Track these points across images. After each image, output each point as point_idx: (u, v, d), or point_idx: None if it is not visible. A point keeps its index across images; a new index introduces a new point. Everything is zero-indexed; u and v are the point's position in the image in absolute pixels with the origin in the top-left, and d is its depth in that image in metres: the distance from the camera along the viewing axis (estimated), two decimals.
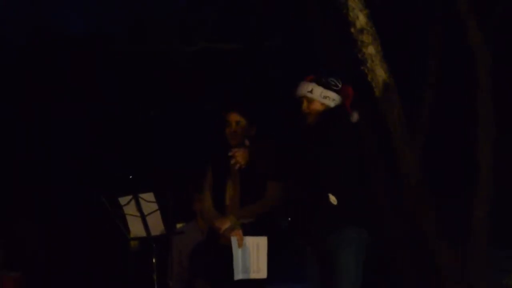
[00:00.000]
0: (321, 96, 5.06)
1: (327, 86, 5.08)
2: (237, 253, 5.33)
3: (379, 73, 6.76)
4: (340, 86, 5.09)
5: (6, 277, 7.28)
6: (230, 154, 5.05)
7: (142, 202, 5.93)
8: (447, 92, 7.90)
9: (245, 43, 9.32)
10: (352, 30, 6.74)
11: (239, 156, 5.05)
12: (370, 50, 6.72)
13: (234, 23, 9.36)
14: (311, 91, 5.06)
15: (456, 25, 7.08)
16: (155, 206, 5.95)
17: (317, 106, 5.08)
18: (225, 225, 5.49)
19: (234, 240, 5.35)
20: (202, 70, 9.80)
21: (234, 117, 5.66)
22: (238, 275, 5.31)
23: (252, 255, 5.33)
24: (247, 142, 5.21)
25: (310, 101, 5.07)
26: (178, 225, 6.98)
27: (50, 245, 10.60)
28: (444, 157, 8.65)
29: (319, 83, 5.07)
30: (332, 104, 5.06)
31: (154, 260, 6.07)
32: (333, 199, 4.87)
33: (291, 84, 5.17)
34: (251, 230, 5.42)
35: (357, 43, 6.75)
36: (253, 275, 5.32)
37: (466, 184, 7.16)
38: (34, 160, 10.44)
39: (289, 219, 5.21)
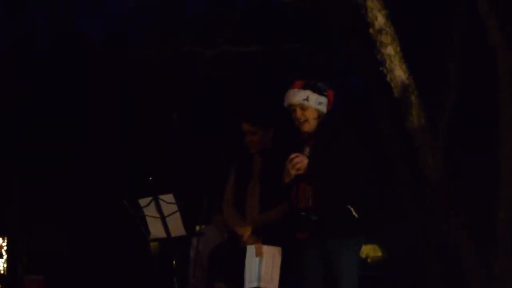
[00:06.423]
0: (316, 103, 4.97)
1: (320, 92, 5.01)
2: (251, 261, 5.30)
3: (398, 73, 6.73)
4: (328, 90, 5.04)
5: (30, 281, 7.32)
6: (288, 160, 4.88)
7: (162, 203, 5.93)
8: (468, 94, 7.84)
9: (265, 46, 9.31)
10: (371, 30, 6.73)
11: (299, 163, 4.88)
12: (389, 50, 6.70)
13: (254, 26, 9.36)
14: (307, 99, 4.95)
15: (476, 26, 7.03)
16: (175, 208, 5.94)
17: (312, 113, 4.99)
18: (247, 233, 5.48)
19: (252, 249, 5.32)
20: (223, 73, 9.81)
21: (247, 128, 5.61)
22: (252, 283, 5.27)
23: (268, 264, 5.27)
24: (306, 151, 4.98)
25: (305, 108, 4.99)
26: (197, 227, 6.97)
27: (72, 249, 10.67)
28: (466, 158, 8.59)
29: (314, 90, 5.00)
30: (324, 109, 5.01)
31: (174, 262, 6.06)
32: (354, 211, 4.86)
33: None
34: (267, 239, 5.38)
35: (376, 44, 6.74)
36: (266, 285, 5.25)
37: (490, 184, 7.10)
38: (56, 164, 10.50)
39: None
